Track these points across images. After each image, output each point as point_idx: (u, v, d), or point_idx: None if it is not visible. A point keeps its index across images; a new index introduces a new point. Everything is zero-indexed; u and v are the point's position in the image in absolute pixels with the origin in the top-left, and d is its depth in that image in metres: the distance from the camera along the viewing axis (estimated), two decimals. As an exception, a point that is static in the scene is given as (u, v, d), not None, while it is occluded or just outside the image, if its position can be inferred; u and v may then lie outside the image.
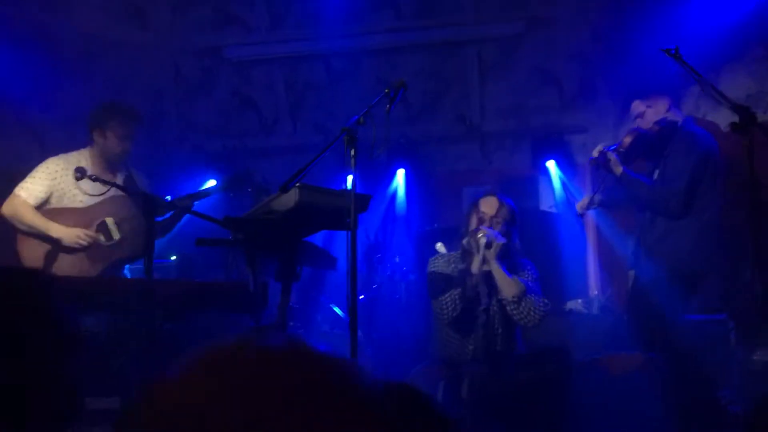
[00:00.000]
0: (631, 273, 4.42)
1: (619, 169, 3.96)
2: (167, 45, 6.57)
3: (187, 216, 4.06)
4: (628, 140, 4.05)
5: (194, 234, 4.13)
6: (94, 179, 3.62)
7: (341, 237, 3.39)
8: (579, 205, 4.28)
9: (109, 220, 3.91)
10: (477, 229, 3.76)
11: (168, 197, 4.13)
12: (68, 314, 1.40)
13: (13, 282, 1.34)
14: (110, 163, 4.10)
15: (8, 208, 3.90)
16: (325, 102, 6.79)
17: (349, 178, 2.83)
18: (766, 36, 5.10)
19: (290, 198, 2.67)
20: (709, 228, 3.99)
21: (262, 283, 3.16)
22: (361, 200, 2.79)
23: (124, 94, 6.45)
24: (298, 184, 2.64)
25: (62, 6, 5.95)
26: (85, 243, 3.84)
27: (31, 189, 3.90)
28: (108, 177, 3.95)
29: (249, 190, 4.33)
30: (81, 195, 3.97)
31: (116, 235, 3.92)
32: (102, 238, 3.89)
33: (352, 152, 2.84)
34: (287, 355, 0.73)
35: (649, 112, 4.08)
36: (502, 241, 3.71)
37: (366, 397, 0.72)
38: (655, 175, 4.09)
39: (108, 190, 3.77)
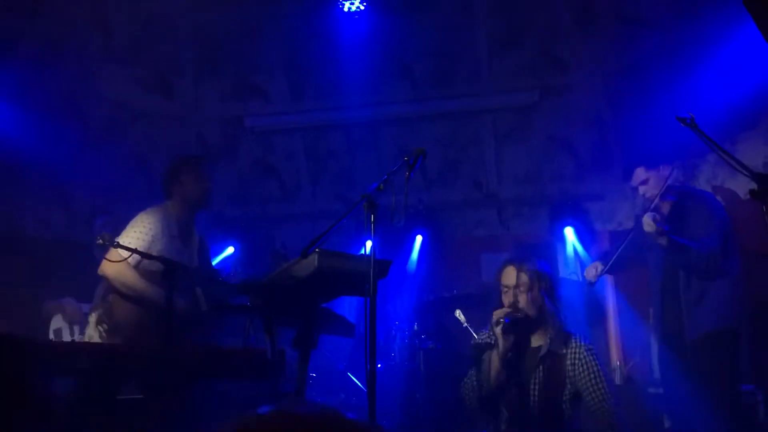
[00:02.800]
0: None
1: (666, 238, 3.93)
2: (191, 114, 6.75)
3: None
4: (667, 207, 4.10)
5: (212, 300, 4.16)
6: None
7: (359, 303, 3.35)
8: (590, 275, 4.23)
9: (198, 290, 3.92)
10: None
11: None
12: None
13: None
14: (192, 211, 4.14)
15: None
16: (345, 170, 6.90)
17: (368, 244, 2.84)
18: (781, 104, 5.14)
19: (310, 263, 2.68)
20: (738, 287, 4.03)
21: (280, 350, 3.15)
22: (381, 266, 2.79)
23: (148, 162, 6.61)
24: (317, 250, 2.66)
25: (90, 77, 6.16)
26: None
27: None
28: (188, 230, 4.06)
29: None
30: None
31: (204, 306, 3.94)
32: None
33: (372, 218, 2.85)
34: (320, 423, 0.76)
35: (653, 179, 4.14)
36: (505, 321, 3.22)
37: None
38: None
39: None
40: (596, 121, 6.32)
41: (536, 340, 3.31)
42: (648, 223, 3.90)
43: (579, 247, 6.16)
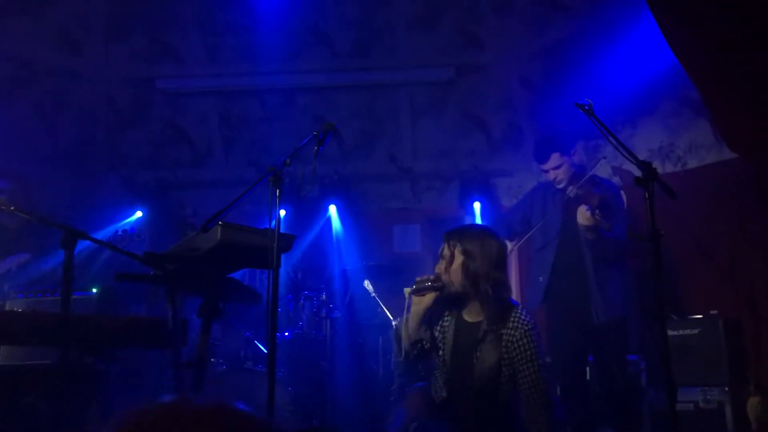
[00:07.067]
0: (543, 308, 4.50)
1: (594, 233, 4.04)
2: (100, 73, 6.51)
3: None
4: (596, 200, 4.03)
5: (118, 268, 4.09)
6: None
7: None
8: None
9: None
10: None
11: None
12: None
13: None
14: None
15: None
16: (260, 137, 6.84)
17: (280, 215, 2.85)
18: (676, 92, 5.42)
19: (213, 236, 2.68)
20: (632, 273, 4.30)
21: (182, 319, 3.15)
22: (285, 240, 2.82)
23: (54, 122, 6.36)
24: (220, 223, 2.66)
25: (-10, 29, 5.85)
26: None
27: None
28: None
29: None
30: None
31: None
32: None
33: (278, 192, 2.87)
34: (213, 418, 0.76)
35: (566, 165, 4.29)
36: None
37: None
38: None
39: None
40: (508, 101, 6.50)
41: (472, 316, 3.18)
42: (586, 217, 3.91)
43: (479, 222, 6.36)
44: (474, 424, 3.12)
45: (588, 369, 4.54)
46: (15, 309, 3.93)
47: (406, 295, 3.20)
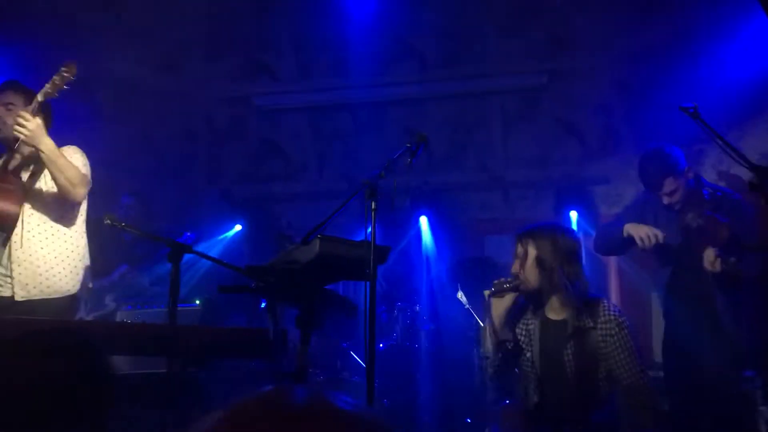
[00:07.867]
0: (657, 311, 4.30)
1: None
2: (199, 93, 6.78)
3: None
4: (725, 234, 3.71)
5: (218, 279, 4.23)
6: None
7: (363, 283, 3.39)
8: (649, 242, 3.89)
9: None
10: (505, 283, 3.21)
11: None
12: (108, 363, 1.49)
13: (60, 337, 1.43)
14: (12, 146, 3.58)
15: None
16: (352, 150, 6.93)
17: (371, 229, 2.88)
18: (787, 91, 5.12)
19: (312, 249, 2.73)
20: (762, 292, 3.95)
21: (282, 330, 3.21)
22: (380, 252, 2.84)
23: (156, 139, 6.66)
24: (319, 236, 2.70)
25: (98, 54, 6.18)
26: None
27: None
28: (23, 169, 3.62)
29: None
30: None
31: None
32: None
33: (373, 205, 2.90)
34: (311, 412, 0.75)
35: (681, 187, 3.98)
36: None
37: None
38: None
39: None
40: (603, 105, 6.31)
41: (556, 313, 3.14)
42: (716, 266, 3.58)
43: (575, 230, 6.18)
44: (572, 426, 3.03)
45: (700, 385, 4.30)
46: (125, 320, 4.12)
47: (486, 298, 3.23)
